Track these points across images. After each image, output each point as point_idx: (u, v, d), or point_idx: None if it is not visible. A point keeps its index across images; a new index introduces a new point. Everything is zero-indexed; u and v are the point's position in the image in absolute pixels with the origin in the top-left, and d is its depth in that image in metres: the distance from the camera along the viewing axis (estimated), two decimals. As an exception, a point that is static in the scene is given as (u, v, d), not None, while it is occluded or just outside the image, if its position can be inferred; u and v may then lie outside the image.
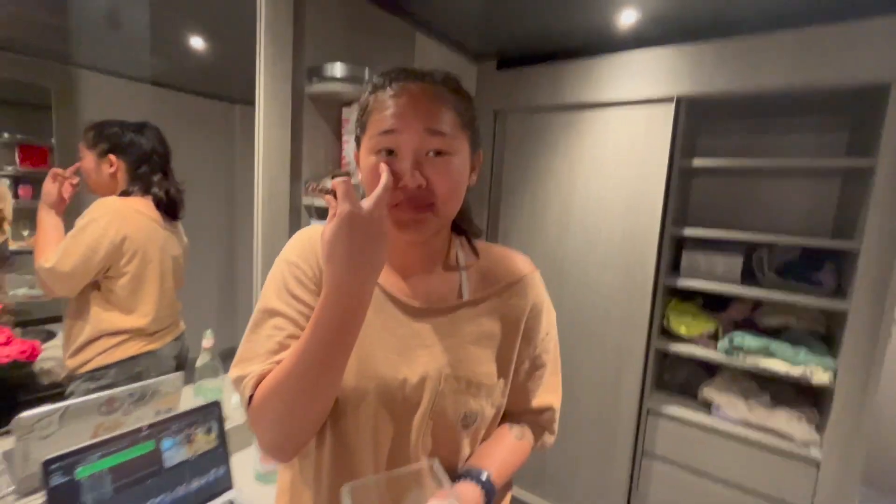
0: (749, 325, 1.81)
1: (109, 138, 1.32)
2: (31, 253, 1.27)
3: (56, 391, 1.29)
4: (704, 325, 1.77)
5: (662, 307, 1.82)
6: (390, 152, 0.57)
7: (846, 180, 1.75)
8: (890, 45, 1.31)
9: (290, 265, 0.63)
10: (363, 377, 0.59)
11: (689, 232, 1.74)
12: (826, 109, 1.77)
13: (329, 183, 0.57)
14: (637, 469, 1.85)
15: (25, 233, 1.38)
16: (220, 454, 1.02)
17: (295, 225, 1.30)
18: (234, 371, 0.59)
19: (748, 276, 1.79)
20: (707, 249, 1.83)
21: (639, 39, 1.64)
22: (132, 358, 1.33)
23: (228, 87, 1.67)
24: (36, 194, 1.54)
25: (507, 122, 2.05)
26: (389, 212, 0.57)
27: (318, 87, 1.26)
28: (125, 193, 1.34)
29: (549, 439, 0.74)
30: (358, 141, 0.63)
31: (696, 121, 1.85)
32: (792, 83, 1.44)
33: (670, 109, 1.63)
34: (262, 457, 1.11)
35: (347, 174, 1.35)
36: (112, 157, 1.32)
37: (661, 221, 1.69)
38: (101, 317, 1.29)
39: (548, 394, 0.72)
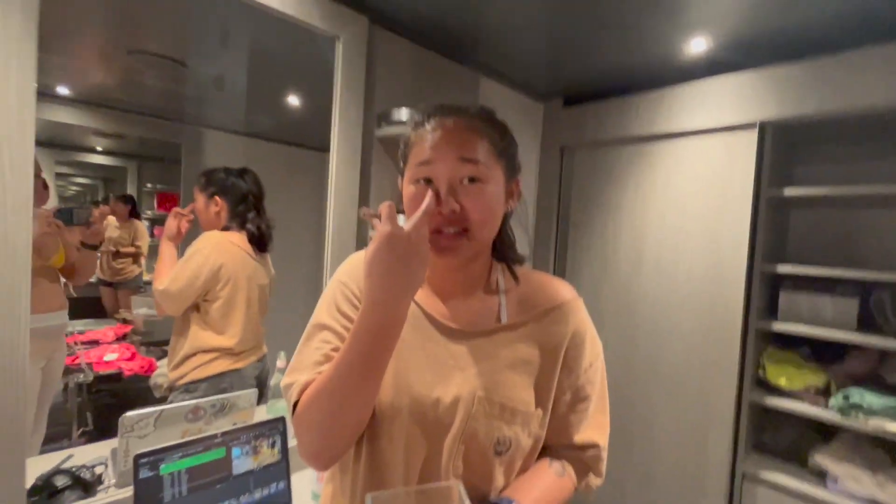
0: (875, 381, 1.52)
1: (216, 182, 1.56)
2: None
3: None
4: (811, 378, 1.52)
5: (755, 354, 1.60)
6: (428, 181, 0.61)
7: None
8: None
9: (341, 284, 0.69)
10: (398, 394, 0.61)
11: (784, 269, 1.54)
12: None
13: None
14: (732, 545, 1.59)
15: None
16: (282, 468, 1.08)
17: (362, 256, 1.40)
18: (285, 380, 0.65)
19: (867, 322, 1.52)
20: (811, 290, 1.60)
21: (712, 66, 1.56)
22: (220, 374, 1.49)
23: (322, 138, 1.91)
24: (168, 234, 1.87)
25: (574, 158, 2.03)
26: (429, 237, 0.60)
27: (385, 131, 1.38)
28: (226, 229, 1.55)
29: (594, 481, 0.69)
30: (401, 173, 0.69)
31: (789, 147, 1.68)
32: (902, 100, 1.27)
33: (753, 136, 1.51)
34: (319, 476, 1.15)
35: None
36: (217, 198, 1.55)
37: (748, 257, 1.53)
38: (199, 335, 1.48)
39: (593, 430, 0.68)
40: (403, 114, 1.34)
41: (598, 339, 0.71)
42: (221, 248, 1.49)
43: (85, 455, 1.18)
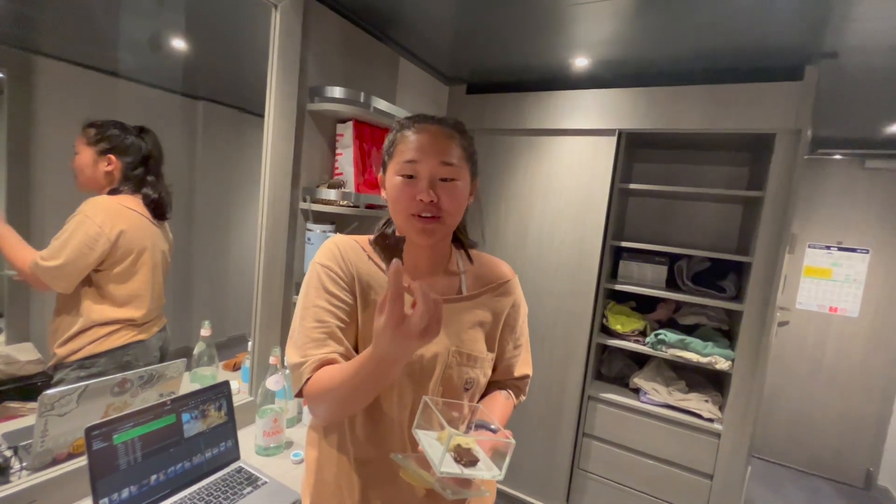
0: (671, 324, 2.16)
1: (112, 139, 1.38)
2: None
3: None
4: (636, 324, 2.09)
5: (602, 308, 2.12)
6: (410, 177, 0.76)
7: (746, 207, 2.16)
8: (775, 104, 1.68)
9: (324, 269, 0.79)
10: None
11: (626, 244, 2.06)
12: (732, 148, 2.17)
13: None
14: (579, 448, 2.13)
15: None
16: (229, 428, 1.14)
17: (293, 226, 1.44)
18: (292, 356, 0.74)
19: (671, 283, 2.14)
20: (639, 260, 2.17)
21: (590, 80, 1.95)
22: (122, 347, 1.39)
23: (192, 83, 1.69)
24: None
25: (474, 141, 2.28)
26: (409, 219, 0.76)
27: (317, 106, 1.41)
28: (114, 192, 1.40)
29: (522, 398, 0.96)
30: (384, 166, 0.81)
31: (632, 150, 2.19)
32: (704, 127, 1.79)
33: (613, 140, 1.94)
34: (263, 434, 1.23)
35: (341, 183, 1.51)
36: (111, 156, 1.38)
37: (603, 235, 1.99)
38: (93, 308, 1.35)
39: (525, 366, 0.95)
40: (337, 91, 1.39)
41: (525, 305, 0.97)
42: (117, 213, 1.35)
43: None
